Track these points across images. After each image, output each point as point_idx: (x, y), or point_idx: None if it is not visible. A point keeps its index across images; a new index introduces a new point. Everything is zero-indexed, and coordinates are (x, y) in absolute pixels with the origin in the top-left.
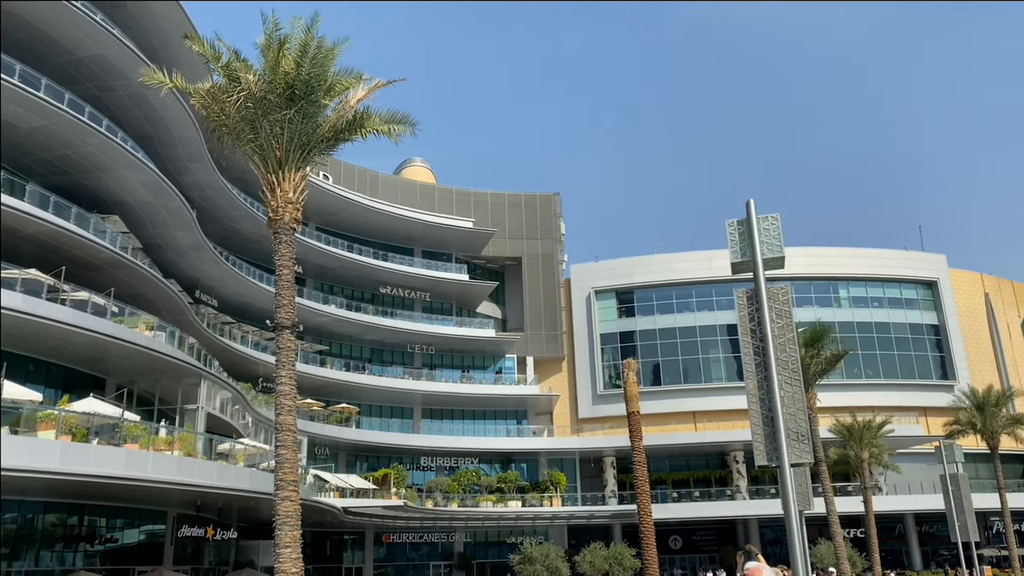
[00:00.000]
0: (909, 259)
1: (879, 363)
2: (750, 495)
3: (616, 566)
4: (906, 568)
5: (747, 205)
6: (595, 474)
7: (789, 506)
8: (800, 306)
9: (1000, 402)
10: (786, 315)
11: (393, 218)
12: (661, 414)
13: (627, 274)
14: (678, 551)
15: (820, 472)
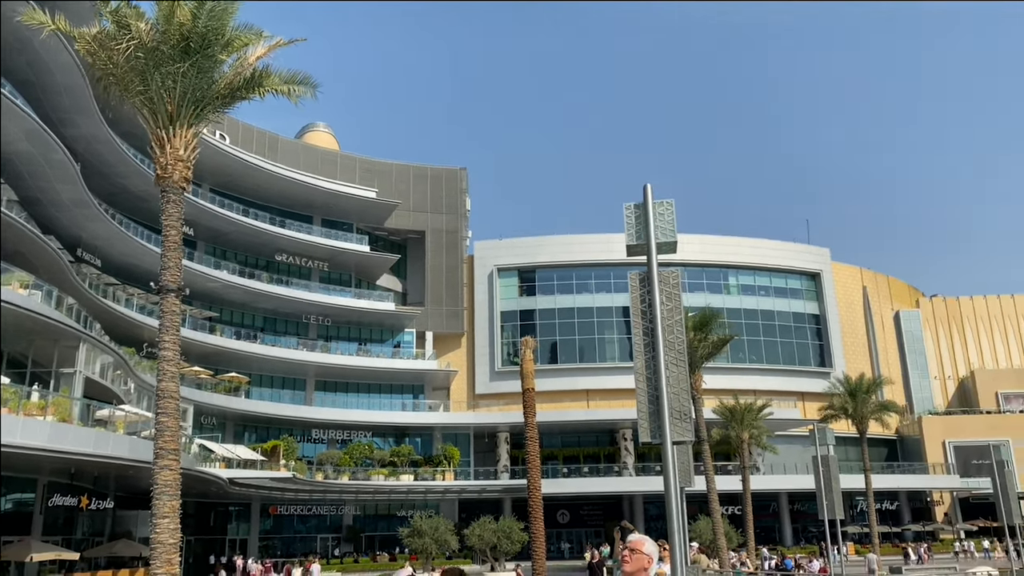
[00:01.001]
0: (796, 251)
1: (763, 349)
2: (636, 472)
3: (504, 539)
4: (778, 544)
5: (644, 190)
6: (489, 449)
7: (670, 482)
8: (692, 291)
9: (870, 389)
10: (675, 298)
11: (292, 183)
12: (556, 391)
13: (530, 253)
14: (565, 525)
15: (703, 451)
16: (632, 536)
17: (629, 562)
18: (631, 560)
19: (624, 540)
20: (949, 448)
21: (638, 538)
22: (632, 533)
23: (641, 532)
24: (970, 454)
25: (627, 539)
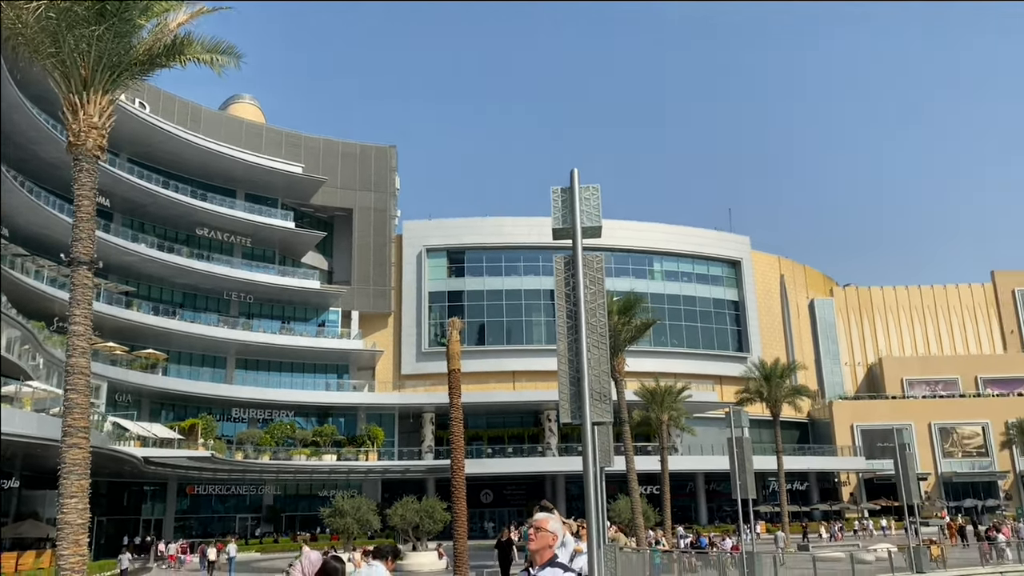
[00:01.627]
0: (718, 239)
1: (684, 333)
2: (560, 452)
3: (427, 519)
4: (694, 523)
5: (571, 174)
6: (414, 430)
7: (589, 462)
8: (618, 276)
9: (784, 374)
10: (598, 282)
11: (215, 155)
12: (483, 373)
13: (460, 234)
14: (489, 505)
15: (624, 432)
16: (538, 515)
17: (534, 540)
18: (536, 538)
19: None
20: (857, 431)
21: (543, 516)
22: (550, 512)
23: (562, 511)
24: (876, 437)
25: (534, 516)
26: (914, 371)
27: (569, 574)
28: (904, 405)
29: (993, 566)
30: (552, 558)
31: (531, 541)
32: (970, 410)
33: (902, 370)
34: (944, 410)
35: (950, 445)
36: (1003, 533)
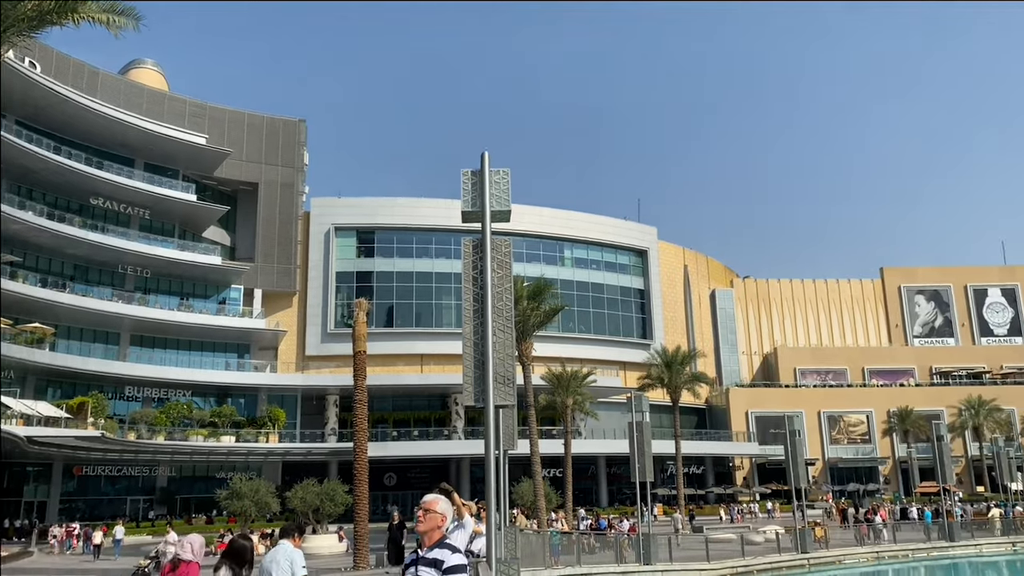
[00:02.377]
0: (627, 228)
1: (591, 320)
2: (466, 436)
3: (328, 502)
4: (594, 505)
5: (482, 157)
6: (317, 412)
7: (491, 445)
8: (529, 262)
9: (685, 361)
10: (506, 266)
11: (112, 122)
12: (391, 355)
13: (370, 213)
14: (392, 488)
15: (529, 416)
16: (426, 497)
17: (423, 522)
18: (424, 520)
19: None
20: (751, 418)
21: (431, 498)
22: (449, 495)
23: (466, 494)
24: (769, 423)
25: (423, 500)
26: (806, 361)
27: (456, 554)
28: (796, 393)
29: (871, 546)
30: (441, 539)
31: (419, 523)
32: (856, 399)
33: (795, 360)
34: (833, 399)
35: (837, 432)
36: (880, 515)
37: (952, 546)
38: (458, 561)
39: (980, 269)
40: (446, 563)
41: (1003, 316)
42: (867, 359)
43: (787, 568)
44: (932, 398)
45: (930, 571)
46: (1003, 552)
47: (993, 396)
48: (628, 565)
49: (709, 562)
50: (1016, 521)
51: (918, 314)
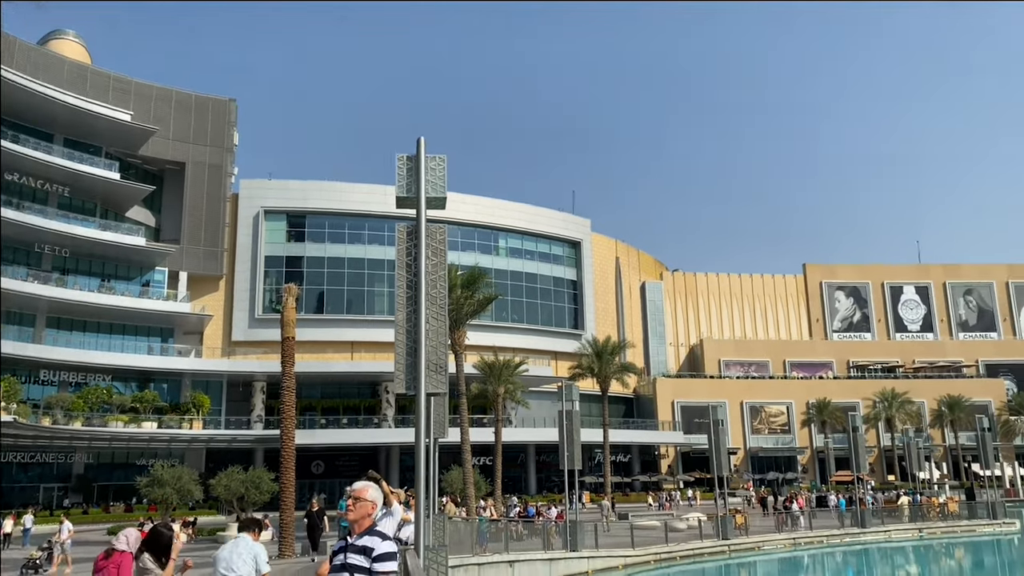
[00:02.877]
0: (562, 219)
1: (524, 310)
2: (396, 424)
3: (253, 489)
4: (523, 492)
5: (418, 142)
6: (244, 398)
7: (421, 433)
8: (464, 250)
9: (615, 352)
10: (441, 253)
11: (29, 94)
12: (320, 342)
13: (301, 197)
14: (320, 476)
15: (460, 404)
16: (355, 485)
17: (353, 510)
18: (355, 508)
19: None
20: (677, 407)
21: (361, 486)
22: (378, 483)
23: (395, 482)
24: (694, 413)
25: (352, 488)
26: (731, 353)
27: (387, 542)
28: (720, 384)
29: (788, 532)
30: (371, 526)
31: (350, 511)
32: (777, 391)
33: (720, 351)
34: (755, 390)
35: (758, 422)
36: (798, 503)
37: (864, 532)
38: (389, 548)
39: (896, 267)
40: (376, 550)
41: (917, 313)
42: (788, 352)
43: (708, 554)
44: (849, 390)
45: (843, 556)
46: (911, 538)
47: (905, 389)
48: (555, 552)
49: (634, 548)
50: (923, 508)
51: (838, 309)
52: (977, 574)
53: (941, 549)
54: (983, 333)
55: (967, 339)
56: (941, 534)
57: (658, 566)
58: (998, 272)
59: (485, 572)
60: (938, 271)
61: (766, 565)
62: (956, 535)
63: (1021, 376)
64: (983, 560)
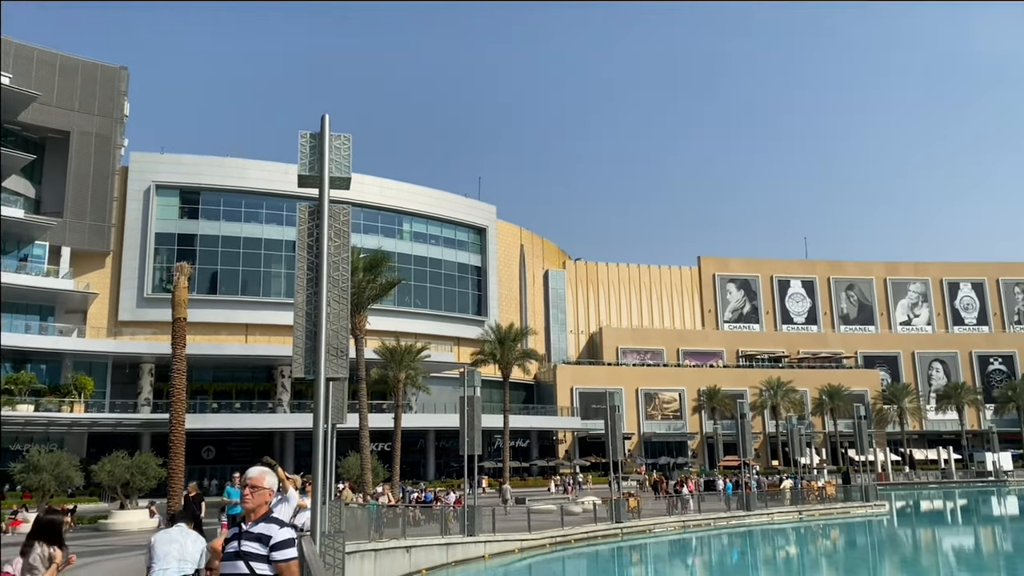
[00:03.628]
0: (467, 205)
1: (428, 295)
2: (291, 409)
3: (139, 476)
4: (422, 478)
5: (322, 120)
6: (131, 381)
7: (319, 418)
8: (367, 233)
9: (517, 338)
10: (344, 235)
11: None
12: (214, 323)
13: (195, 172)
14: (211, 461)
15: (359, 390)
16: (252, 472)
17: (251, 498)
18: (253, 496)
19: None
20: (576, 393)
21: (258, 473)
22: (273, 469)
23: (291, 468)
24: (591, 399)
25: (247, 475)
26: (628, 341)
27: (285, 529)
28: (617, 371)
29: (678, 515)
30: (267, 513)
31: (247, 500)
32: (671, 378)
33: (618, 339)
34: (650, 377)
35: (652, 408)
36: (688, 487)
37: (749, 515)
38: (287, 535)
39: (784, 262)
40: (274, 538)
41: (802, 306)
42: (682, 341)
43: (602, 537)
44: (737, 379)
45: (729, 538)
46: (791, 520)
47: (790, 378)
48: (452, 537)
49: (531, 532)
50: (804, 492)
51: (729, 301)
52: (850, 553)
53: (819, 530)
54: (862, 326)
55: (847, 332)
56: (819, 516)
57: (553, 549)
58: (877, 269)
59: (381, 558)
60: (823, 267)
61: (657, 547)
62: (832, 517)
63: (895, 367)
64: (855, 540)
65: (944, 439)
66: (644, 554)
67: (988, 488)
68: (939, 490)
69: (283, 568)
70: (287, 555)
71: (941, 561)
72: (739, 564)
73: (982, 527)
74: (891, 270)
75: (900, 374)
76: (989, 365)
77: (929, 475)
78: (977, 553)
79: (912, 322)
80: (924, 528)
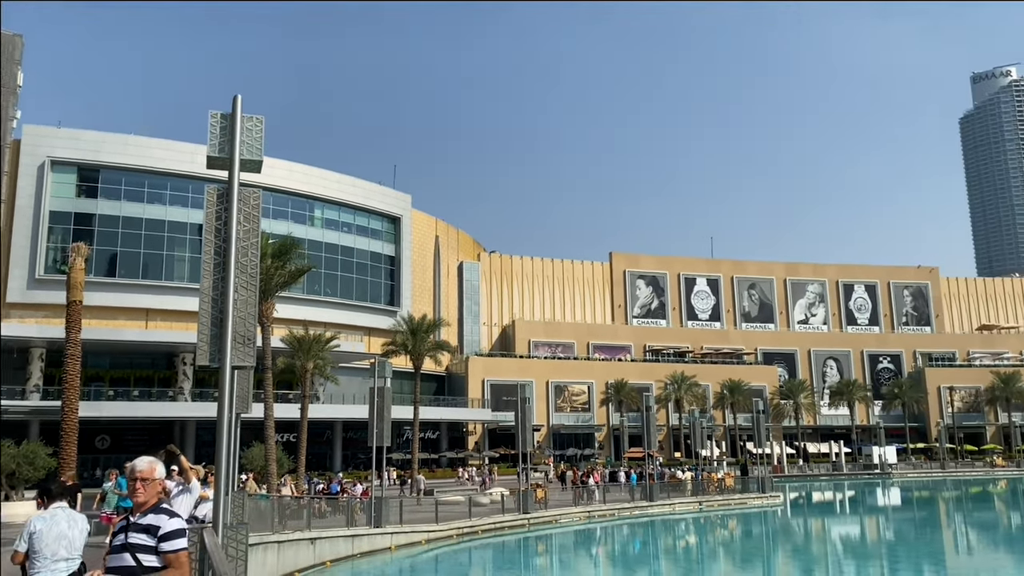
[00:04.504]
0: (381, 193)
1: (338, 283)
2: (193, 397)
3: (26, 466)
4: (328, 470)
5: (234, 101)
6: (19, 366)
7: (224, 407)
8: (276, 218)
9: (429, 329)
10: (254, 219)
11: None
12: (112, 307)
13: (95, 149)
14: (106, 451)
15: (265, 379)
16: (139, 464)
17: (142, 492)
18: (144, 490)
19: (170, 465)
20: (487, 385)
21: (146, 466)
22: (176, 459)
23: (192, 458)
24: (503, 391)
25: (136, 468)
26: (540, 334)
27: (175, 519)
28: (529, 364)
29: (584, 506)
30: (156, 503)
31: (139, 494)
32: (581, 371)
33: (530, 332)
34: (560, 370)
35: (562, 401)
36: (594, 478)
37: (651, 505)
38: (176, 526)
39: (691, 260)
40: (163, 528)
41: (707, 303)
42: (592, 335)
43: (509, 528)
44: (644, 373)
45: (632, 528)
46: (692, 511)
47: (694, 373)
48: (359, 528)
49: (438, 523)
50: (704, 483)
51: (638, 297)
52: (746, 542)
53: (717, 520)
54: (762, 324)
55: (749, 329)
56: (718, 507)
57: (461, 540)
58: (777, 270)
59: (285, 550)
60: (727, 266)
61: (562, 537)
62: (731, 507)
63: (792, 364)
64: (751, 530)
65: (836, 433)
66: (549, 544)
67: (874, 480)
68: (830, 482)
69: (172, 559)
70: (176, 546)
71: (829, 549)
72: (641, 554)
73: (867, 517)
74: (791, 271)
75: (797, 371)
76: (879, 364)
77: (821, 468)
78: (862, 541)
79: (809, 321)
80: (815, 518)
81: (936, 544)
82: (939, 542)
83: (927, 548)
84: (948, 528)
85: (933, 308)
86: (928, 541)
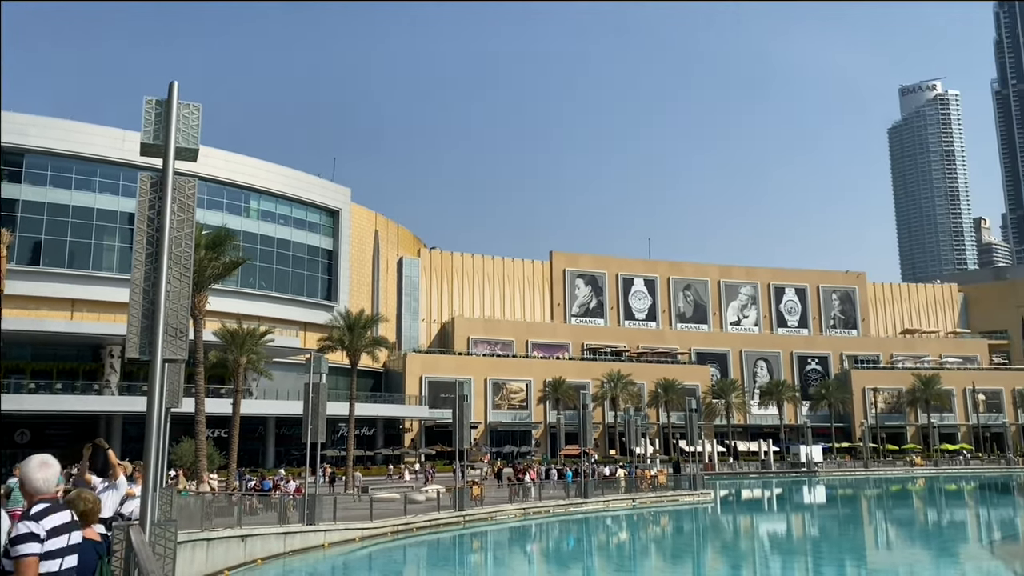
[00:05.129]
0: (320, 186)
1: (274, 277)
2: (120, 391)
3: None
4: (260, 466)
5: (170, 87)
6: None
7: (155, 402)
8: (211, 209)
9: (367, 325)
10: (188, 209)
11: None
12: (35, 297)
13: (19, 131)
14: (25, 445)
15: (196, 373)
16: (31, 463)
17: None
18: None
19: (95, 460)
20: (425, 382)
21: (39, 458)
22: (101, 452)
23: (119, 453)
24: (441, 388)
25: (26, 465)
26: (479, 331)
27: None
28: (467, 361)
29: (519, 503)
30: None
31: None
32: (519, 369)
33: (470, 329)
34: (499, 367)
35: (500, 398)
36: (530, 475)
37: (586, 502)
38: (19, 531)
39: (629, 261)
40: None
41: (644, 303)
42: (531, 333)
43: (445, 524)
44: (582, 371)
45: (566, 525)
46: (625, 507)
47: (629, 372)
48: (291, 526)
49: (372, 521)
50: (637, 480)
51: (577, 295)
52: (677, 538)
53: (649, 516)
54: (697, 325)
55: (683, 329)
56: (651, 504)
57: (395, 537)
58: (712, 271)
59: (215, 547)
60: (664, 267)
61: (497, 534)
62: (663, 504)
63: (724, 364)
64: (683, 526)
65: (765, 432)
66: (484, 541)
67: (801, 478)
68: (759, 479)
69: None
70: (17, 552)
71: (757, 545)
72: (574, 550)
73: (793, 514)
74: (725, 273)
75: (729, 370)
76: (807, 365)
77: (751, 465)
78: (788, 537)
79: (741, 322)
80: (744, 515)
81: (857, 540)
82: (860, 538)
83: (849, 544)
84: (869, 525)
85: (860, 312)
86: (850, 537)
